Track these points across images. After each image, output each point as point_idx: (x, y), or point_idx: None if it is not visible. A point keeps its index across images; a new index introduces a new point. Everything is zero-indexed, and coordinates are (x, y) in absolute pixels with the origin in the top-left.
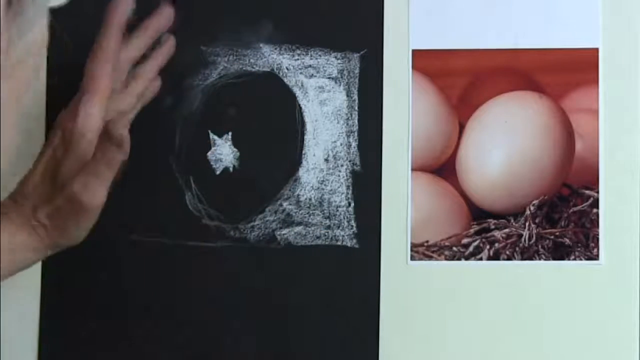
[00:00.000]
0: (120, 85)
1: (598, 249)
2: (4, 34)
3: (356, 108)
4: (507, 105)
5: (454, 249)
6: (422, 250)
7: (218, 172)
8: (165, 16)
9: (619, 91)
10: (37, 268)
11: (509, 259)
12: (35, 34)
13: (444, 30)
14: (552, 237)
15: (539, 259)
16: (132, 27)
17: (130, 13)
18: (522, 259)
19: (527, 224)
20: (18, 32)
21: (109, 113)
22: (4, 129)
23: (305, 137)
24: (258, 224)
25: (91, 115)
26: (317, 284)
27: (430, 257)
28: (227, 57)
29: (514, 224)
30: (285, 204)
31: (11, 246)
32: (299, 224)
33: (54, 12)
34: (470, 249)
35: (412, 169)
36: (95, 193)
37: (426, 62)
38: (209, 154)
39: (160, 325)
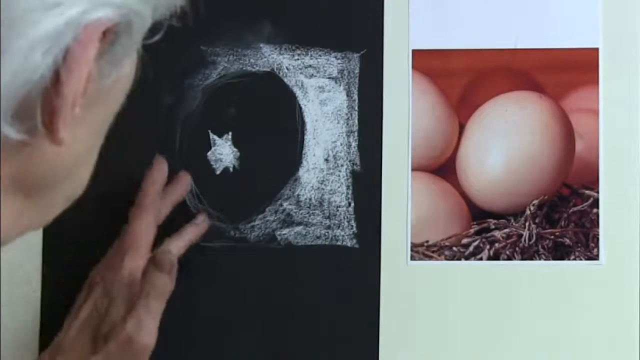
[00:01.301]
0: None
1: (598, 249)
2: (98, 63)
3: (356, 108)
4: (507, 105)
5: (454, 249)
6: (422, 250)
7: (218, 172)
8: (185, 182)
9: (619, 91)
10: (38, 268)
11: (509, 259)
12: (125, 67)
13: (444, 30)
14: (552, 237)
15: (539, 259)
16: None
17: (165, 177)
18: (522, 259)
19: (527, 224)
20: (111, 62)
21: None
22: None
23: (305, 137)
24: (258, 224)
25: (136, 267)
26: (317, 284)
27: (430, 257)
28: (227, 57)
29: (514, 224)
30: (285, 204)
31: None
32: (299, 224)
33: (145, 47)
34: (470, 249)
35: (412, 169)
36: (150, 331)
37: (426, 62)
38: (209, 154)
39: (159, 325)
